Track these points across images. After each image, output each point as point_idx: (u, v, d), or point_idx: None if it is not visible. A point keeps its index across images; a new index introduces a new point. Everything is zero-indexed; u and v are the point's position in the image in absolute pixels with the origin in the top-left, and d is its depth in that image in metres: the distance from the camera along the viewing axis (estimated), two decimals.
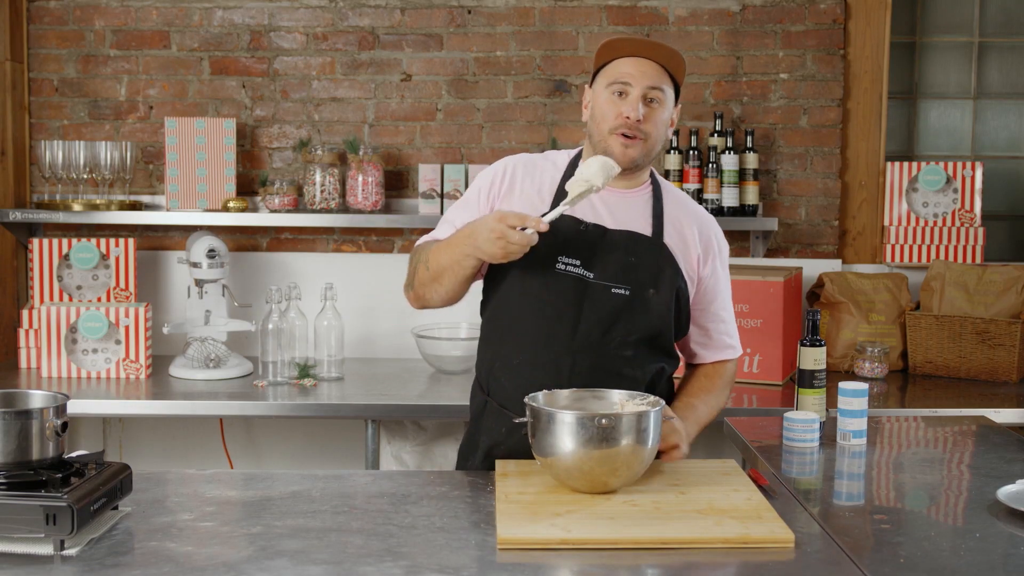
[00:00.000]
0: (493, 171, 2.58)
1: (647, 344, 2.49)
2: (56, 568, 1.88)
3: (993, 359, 3.77)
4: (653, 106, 2.44)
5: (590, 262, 2.45)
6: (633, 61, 2.45)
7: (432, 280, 2.48)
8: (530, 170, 2.56)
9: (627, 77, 2.43)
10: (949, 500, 2.39)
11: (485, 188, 2.55)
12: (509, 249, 2.28)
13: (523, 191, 2.52)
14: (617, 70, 2.45)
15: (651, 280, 2.47)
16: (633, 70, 2.44)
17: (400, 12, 4.16)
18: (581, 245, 2.46)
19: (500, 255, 2.30)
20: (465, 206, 2.57)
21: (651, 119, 2.44)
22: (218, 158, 4.06)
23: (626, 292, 2.45)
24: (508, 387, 2.50)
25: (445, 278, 2.45)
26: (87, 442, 4.20)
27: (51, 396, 2.12)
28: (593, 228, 2.47)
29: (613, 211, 2.50)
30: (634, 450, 2.18)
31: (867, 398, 2.74)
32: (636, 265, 2.46)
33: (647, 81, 2.43)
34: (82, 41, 4.18)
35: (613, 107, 2.44)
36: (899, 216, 4.17)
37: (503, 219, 2.28)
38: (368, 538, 2.04)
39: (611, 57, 2.47)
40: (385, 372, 3.92)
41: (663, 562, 1.95)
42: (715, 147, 4.04)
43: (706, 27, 4.16)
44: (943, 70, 4.38)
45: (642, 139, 2.44)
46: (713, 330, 2.63)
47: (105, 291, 3.98)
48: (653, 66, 2.45)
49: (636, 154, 2.45)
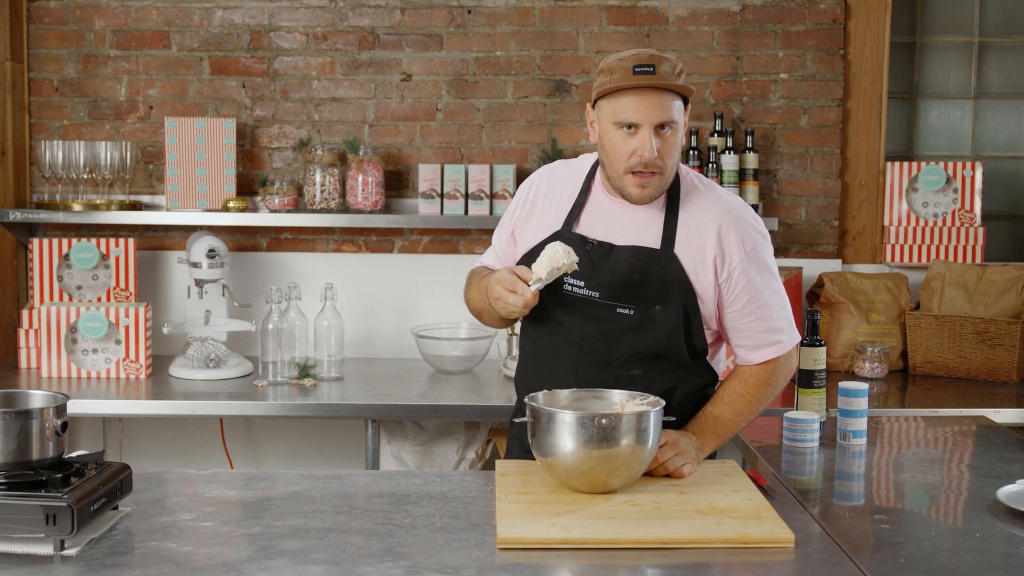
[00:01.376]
0: (521, 192, 2.62)
1: (656, 361, 2.44)
2: (56, 568, 1.88)
3: (993, 359, 3.77)
4: (666, 135, 2.34)
5: (595, 282, 2.43)
6: (637, 99, 2.32)
7: (476, 314, 2.64)
8: (554, 184, 2.56)
9: (634, 118, 2.32)
10: (949, 500, 2.39)
11: (511, 211, 2.61)
12: (508, 310, 2.37)
13: (543, 212, 2.53)
14: (621, 109, 2.33)
15: (658, 296, 2.41)
16: (639, 109, 2.32)
17: (400, 12, 4.16)
18: (587, 265, 2.42)
19: (504, 314, 2.40)
20: (503, 225, 2.65)
21: (665, 151, 2.34)
22: (218, 158, 4.06)
23: (630, 312, 2.41)
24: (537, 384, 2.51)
25: (484, 316, 2.62)
26: (87, 442, 4.20)
27: (51, 396, 2.12)
28: (598, 246, 2.44)
29: (624, 225, 2.45)
30: (634, 450, 2.18)
31: (867, 398, 2.74)
32: (641, 282, 2.41)
33: (655, 119, 2.32)
34: (82, 41, 4.18)
35: (625, 145, 2.35)
36: (899, 216, 4.17)
37: (500, 281, 2.36)
38: (368, 538, 2.04)
39: (613, 87, 2.34)
40: (385, 372, 3.92)
41: (663, 562, 1.95)
42: (715, 147, 4.04)
43: (706, 27, 4.16)
44: (943, 70, 4.38)
45: (658, 173, 2.36)
46: (750, 329, 2.45)
47: (105, 291, 3.98)
48: (658, 99, 2.32)
49: (653, 191, 2.38)
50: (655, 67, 2.30)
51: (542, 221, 2.53)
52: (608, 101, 2.36)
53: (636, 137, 2.33)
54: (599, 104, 2.39)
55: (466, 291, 2.68)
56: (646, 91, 2.31)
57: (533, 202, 2.56)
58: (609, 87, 2.33)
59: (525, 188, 2.61)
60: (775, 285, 2.48)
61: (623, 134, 2.34)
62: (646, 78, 2.30)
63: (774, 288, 2.47)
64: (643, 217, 2.45)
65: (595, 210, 2.49)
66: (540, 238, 2.49)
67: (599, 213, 2.48)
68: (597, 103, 2.40)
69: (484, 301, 2.50)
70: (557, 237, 2.45)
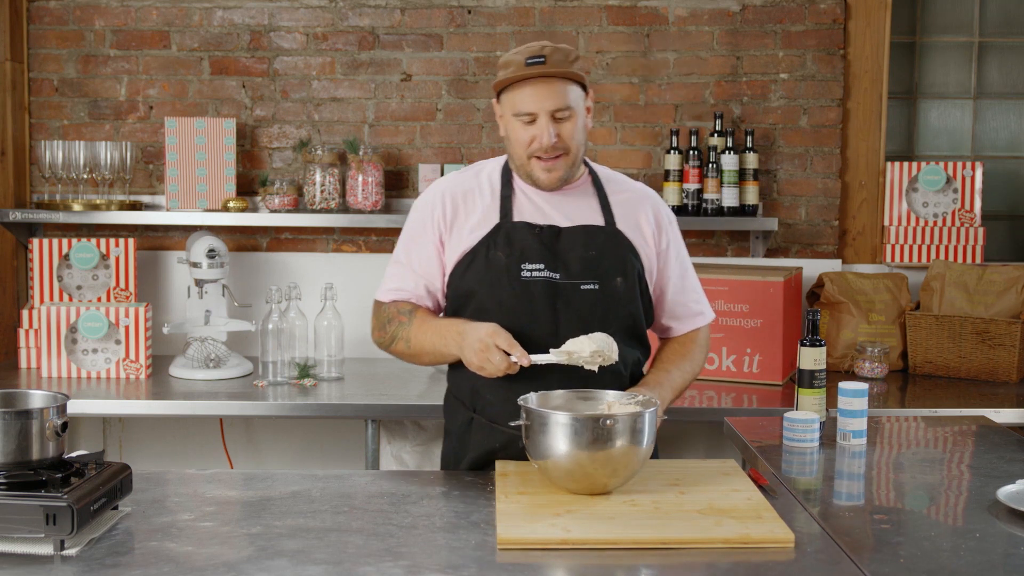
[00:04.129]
0: (430, 201, 2.56)
1: (624, 334, 2.51)
2: (56, 568, 1.88)
3: (993, 359, 3.77)
4: (564, 121, 2.44)
5: (554, 263, 2.46)
6: (531, 90, 2.41)
7: (412, 356, 2.56)
8: (463, 189, 2.55)
9: (529, 108, 2.42)
10: (949, 500, 2.39)
11: (430, 218, 2.54)
12: (486, 367, 2.35)
13: (469, 212, 2.52)
14: (519, 101, 2.43)
15: (616, 269, 2.49)
16: (533, 100, 2.41)
17: (400, 12, 4.16)
18: (541, 249, 2.47)
19: (475, 366, 2.38)
20: (415, 241, 2.57)
21: (566, 133, 2.44)
22: (218, 158, 4.06)
23: (595, 286, 2.47)
24: (496, 402, 2.48)
25: (426, 358, 2.55)
26: (87, 442, 4.20)
27: (51, 396, 2.12)
28: (548, 229, 2.49)
29: (562, 209, 2.52)
30: (634, 450, 2.18)
31: (867, 398, 2.74)
32: (598, 257, 2.48)
33: (550, 106, 2.41)
34: (82, 41, 4.18)
35: (525, 133, 2.44)
36: (899, 216, 4.17)
37: (495, 336, 2.34)
38: (368, 538, 2.04)
39: (508, 80, 2.44)
40: (385, 372, 3.92)
41: (663, 562, 1.95)
42: (715, 147, 4.04)
43: (706, 27, 4.16)
44: (943, 70, 4.38)
45: (563, 155, 2.45)
46: (682, 301, 2.65)
47: (105, 291, 3.98)
48: (551, 87, 2.42)
49: (561, 173, 2.47)
50: (546, 57, 2.41)
51: (472, 221, 2.52)
52: (507, 94, 2.46)
53: (535, 125, 2.44)
54: (501, 98, 2.49)
55: (390, 331, 2.57)
56: (540, 81, 2.41)
57: (453, 207, 2.53)
58: (505, 80, 2.44)
59: (436, 197, 2.56)
60: (689, 260, 2.70)
61: (522, 124, 2.44)
62: (538, 68, 2.41)
63: (690, 263, 2.70)
64: (577, 202, 2.54)
65: (526, 201, 2.53)
66: (479, 236, 2.49)
67: (531, 203, 2.52)
68: (500, 98, 2.50)
69: (438, 345, 2.47)
70: (499, 229, 2.48)
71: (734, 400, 3.53)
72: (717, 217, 4.04)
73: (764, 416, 3.15)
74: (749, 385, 3.70)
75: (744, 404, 3.48)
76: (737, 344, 3.71)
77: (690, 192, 4.04)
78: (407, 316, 2.56)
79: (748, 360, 3.71)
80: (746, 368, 3.71)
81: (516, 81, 2.42)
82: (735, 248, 4.21)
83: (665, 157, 4.08)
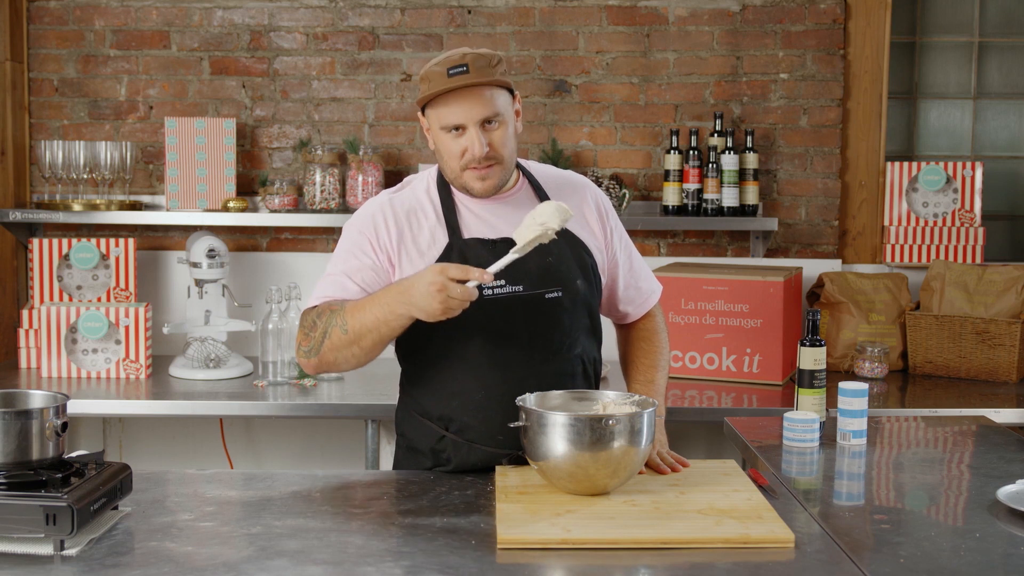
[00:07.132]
0: (371, 217, 2.44)
1: (587, 333, 2.51)
2: (56, 568, 1.88)
3: (993, 359, 3.77)
4: (494, 130, 2.37)
5: (514, 277, 2.38)
6: (457, 101, 2.34)
7: (350, 343, 2.32)
8: (403, 208, 2.45)
9: (457, 120, 2.34)
10: (949, 500, 2.39)
11: (374, 238, 2.41)
12: (449, 304, 2.16)
13: (418, 231, 2.42)
14: (445, 113, 2.35)
15: (575, 272, 2.47)
16: (460, 111, 2.34)
17: (400, 12, 4.16)
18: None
19: (439, 311, 2.17)
20: (352, 255, 2.42)
21: (497, 141, 2.37)
22: (218, 158, 4.06)
23: (559, 293, 2.43)
24: (477, 425, 2.41)
25: (367, 339, 2.30)
26: (87, 442, 4.20)
27: (51, 396, 2.12)
28: (501, 243, 2.40)
29: (508, 219, 2.43)
30: (634, 450, 2.18)
31: (867, 398, 2.74)
32: (556, 264, 2.44)
33: (477, 116, 2.34)
34: (82, 41, 4.18)
35: (456, 145, 2.37)
36: (899, 216, 4.17)
37: (444, 271, 2.17)
38: (368, 538, 2.04)
39: (432, 95, 2.35)
40: (385, 372, 3.90)
41: (663, 562, 1.95)
42: (715, 147, 4.04)
43: (706, 27, 4.16)
44: (943, 70, 4.38)
45: (496, 163, 2.39)
46: (634, 284, 2.64)
47: (105, 291, 3.98)
48: (478, 96, 2.34)
49: (495, 181, 2.41)
50: (468, 66, 2.32)
51: (421, 241, 2.42)
52: (432, 108, 2.38)
53: (464, 137, 2.36)
54: (427, 112, 2.41)
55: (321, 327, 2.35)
56: (464, 91, 2.33)
57: (398, 227, 2.42)
58: (429, 94, 2.36)
59: (377, 213, 2.44)
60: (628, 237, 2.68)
61: (452, 136, 2.37)
62: (461, 78, 2.32)
63: (632, 243, 2.68)
64: (518, 206, 2.45)
65: (470, 215, 2.45)
66: (433, 257, 2.39)
67: (476, 217, 2.45)
68: (425, 112, 2.42)
69: (382, 313, 2.26)
70: (451, 249, 2.39)
71: (734, 400, 3.53)
72: (717, 217, 4.04)
73: (764, 416, 3.15)
74: (749, 385, 3.70)
75: (744, 404, 3.49)
76: (737, 344, 3.71)
77: (690, 192, 4.04)
78: (338, 305, 2.35)
79: (748, 360, 3.71)
80: (746, 368, 3.71)
81: (441, 94, 2.34)
82: (735, 248, 4.21)
83: (665, 157, 4.08)
